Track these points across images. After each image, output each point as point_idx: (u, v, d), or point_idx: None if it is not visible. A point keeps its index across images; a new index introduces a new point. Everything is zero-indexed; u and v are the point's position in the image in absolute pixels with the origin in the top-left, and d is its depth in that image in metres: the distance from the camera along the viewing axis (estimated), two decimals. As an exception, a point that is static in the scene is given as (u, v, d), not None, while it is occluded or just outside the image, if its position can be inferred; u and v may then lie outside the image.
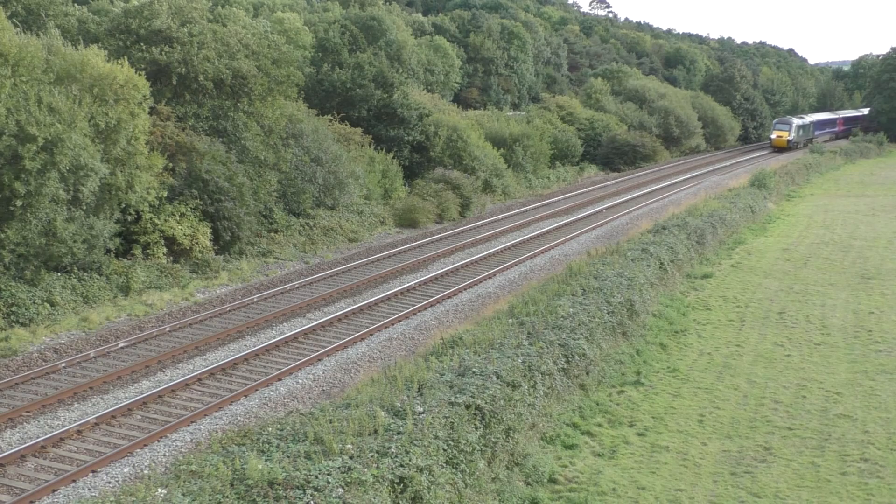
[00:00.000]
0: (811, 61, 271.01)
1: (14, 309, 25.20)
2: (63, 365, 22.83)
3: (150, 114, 31.76)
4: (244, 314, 28.45)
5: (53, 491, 16.29)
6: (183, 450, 18.22)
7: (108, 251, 29.23)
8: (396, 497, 14.84)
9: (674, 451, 19.89)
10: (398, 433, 16.30)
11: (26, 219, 24.79)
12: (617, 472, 18.65)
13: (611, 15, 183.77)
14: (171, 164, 32.38)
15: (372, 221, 44.06)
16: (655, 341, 27.88)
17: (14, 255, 25.18)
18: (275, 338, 25.77)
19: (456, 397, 18.09)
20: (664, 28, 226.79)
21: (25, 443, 18.16)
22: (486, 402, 18.17)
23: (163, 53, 34.40)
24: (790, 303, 33.56)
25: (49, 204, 25.43)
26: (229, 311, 28.56)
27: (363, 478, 14.55)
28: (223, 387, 22.06)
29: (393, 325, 27.79)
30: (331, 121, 47.07)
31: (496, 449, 18.03)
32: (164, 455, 18.01)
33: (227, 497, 13.81)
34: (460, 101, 79.88)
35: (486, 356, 20.94)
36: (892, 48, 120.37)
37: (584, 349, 23.44)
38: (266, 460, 14.96)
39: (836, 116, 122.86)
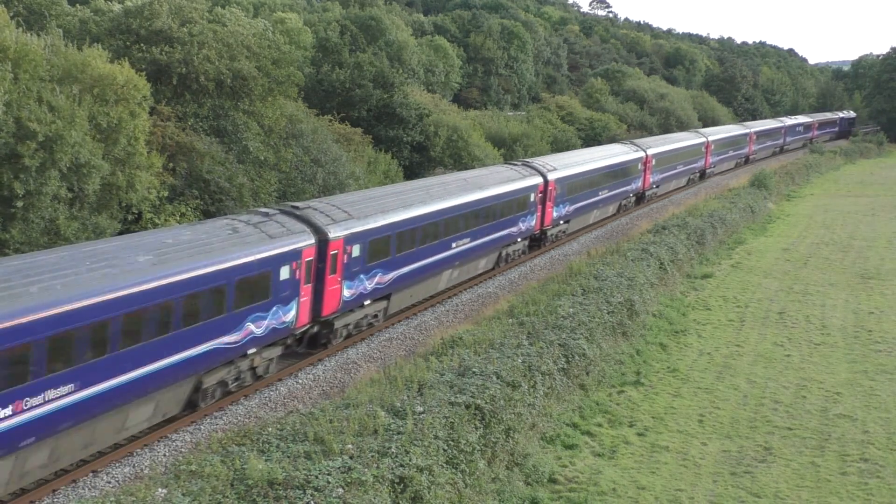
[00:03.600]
0: (811, 61, 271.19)
1: (14, 309, 25.08)
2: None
3: (151, 114, 31.76)
4: (244, 314, 28.31)
5: (54, 491, 16.29)
6: (183, 450, 18.22)
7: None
8: (396, 497, 14.85)
9: (674, 451, 19.89)
10: (398, 433, 16.30)
11: (28, 218, 24.79)
12: (617, 472, 18.65)
13: (611, 15, 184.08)
14: (171, 164, 32.38)
15: (372, 221, 43.96)
16: (655, 341, 27.88)
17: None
18: (275, 338, 25.51)
19: (456, 397, 18.10)
20: (664, 28, 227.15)
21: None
22: (486, 402, 18.18)
23: (163, 53, 34.41)
24: (790, 303, 33.55)
25: (51, 203, 25.43)
26: (229, 311, 28.43)
27: (363, 478, 14.56)
28: (223, 387, 21.99)
29: (393, 325, 27.78)
30: (331, 121, 47.07)
31: (496, 449, 18.04)
32: (164, 455, 18.00)
33: (227, 497, 13.82)
34: (460, 101, 79.90)
35: (486, 356, 20.94)
36: (892, 48, 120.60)
37: (584, 349, 23.44)
38: (266, 460, 14.97)
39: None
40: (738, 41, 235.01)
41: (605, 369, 24.59)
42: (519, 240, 36.96)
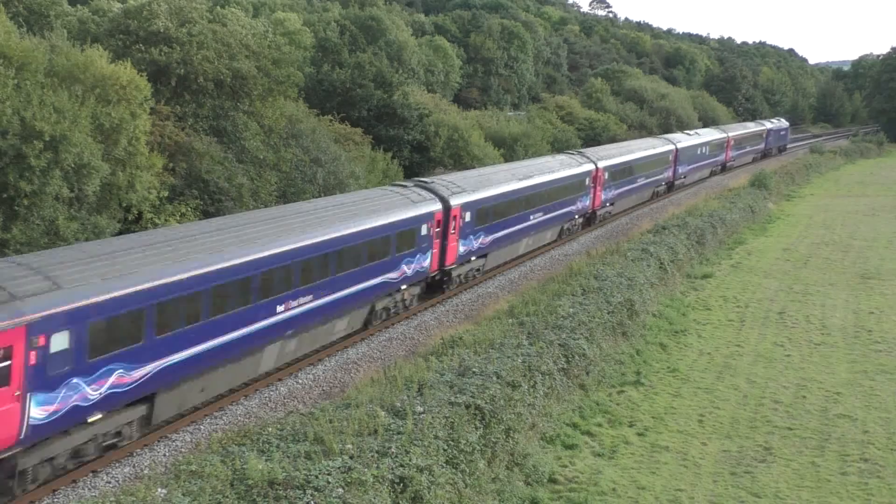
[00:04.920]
0: (811, 61, 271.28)
1: (14, 309, 25.08)
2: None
3: (150, 114, 31.76)
4: (244, 314, 28.33)
5: (54, 491, 16.29)
6: (183, 450, 18.22)
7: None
8: (396, 497, 14.84)
9: (674, 451, 19.89)
10: (398, 433, 16.30)
11: (30, 218, 24.84)
12: (617, 472, 18.65)
13: (611, 15, 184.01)
14: (171, 164, 32.37)
15: (372, 221, 43.99)
16: (655, 341, 27.88)
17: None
18: (275, 338, 25.57)
19: (456, 397, 18.10)
20: (664, 28, 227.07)
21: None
22: (486, 402, 18.18)
23: (162, 54, 34.40)
24: (790, 303, 33.55)
25: (52, 203, 25.48)
26: (229, 311, 28.44)
27: (363, 478, 14.56)
28: (223, 387, 22.00)
29: (393, 325, 27.78)
30: (331, 121, 47.07)
31: (496, 449, 18.04)
32: (164, 455, 18.00)
33: (227, 497, 13.82)
34: (460, 101, 79.90)
35: (486, 356, 20.95)
36: (892, 48, 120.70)
37: (584, 349, 23.45)
38: (266, 460, 14.97)
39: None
40: (738, 41, 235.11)
41: (605, 369, 24.59)
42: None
